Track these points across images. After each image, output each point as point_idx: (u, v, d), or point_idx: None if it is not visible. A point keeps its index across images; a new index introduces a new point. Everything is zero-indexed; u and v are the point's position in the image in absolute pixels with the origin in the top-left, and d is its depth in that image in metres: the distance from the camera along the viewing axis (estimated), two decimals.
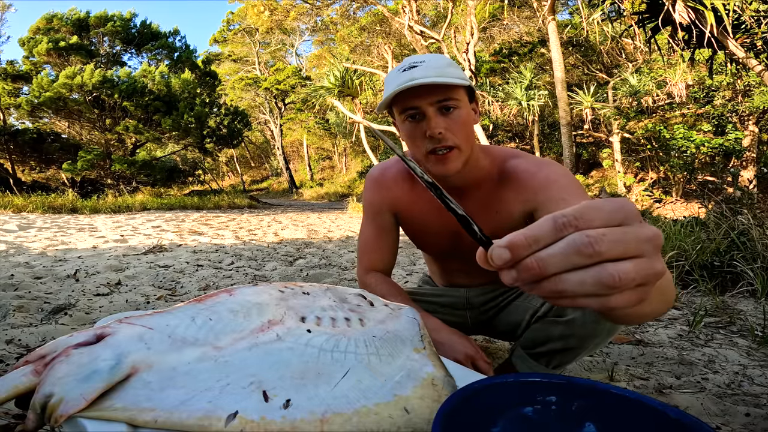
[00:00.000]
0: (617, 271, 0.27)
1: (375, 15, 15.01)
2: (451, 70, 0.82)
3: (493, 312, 1.08)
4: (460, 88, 0.83)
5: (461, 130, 0.82)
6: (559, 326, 0.88)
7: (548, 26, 7.49)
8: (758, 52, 3.60)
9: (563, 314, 0.87)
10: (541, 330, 0.91)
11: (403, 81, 0.80)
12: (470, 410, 0.42)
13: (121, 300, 1.98)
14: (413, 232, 1.03)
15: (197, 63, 14.43)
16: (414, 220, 1.00)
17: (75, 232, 4.95)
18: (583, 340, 0.86)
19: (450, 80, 0.78)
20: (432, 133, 0.80)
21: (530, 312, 0.95)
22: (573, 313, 0.85)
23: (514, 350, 0.99)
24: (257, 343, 0.52)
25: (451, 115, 0.82)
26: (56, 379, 0.41)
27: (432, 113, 0.81)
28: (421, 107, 0.81)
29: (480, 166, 0.90)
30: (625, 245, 0.28)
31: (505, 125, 11.79)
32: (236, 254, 3.59)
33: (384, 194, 1.01)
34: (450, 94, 0.81)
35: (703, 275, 2.42)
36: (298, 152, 27.47)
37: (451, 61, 0.85)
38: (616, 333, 0.87)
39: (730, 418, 1.01)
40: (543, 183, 0.83)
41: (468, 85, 0.83)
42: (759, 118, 7.68)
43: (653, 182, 8.79)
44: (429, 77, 0.79)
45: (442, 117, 0.81)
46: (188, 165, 16.39)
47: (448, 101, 0.81)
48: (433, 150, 0.82)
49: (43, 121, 12.67)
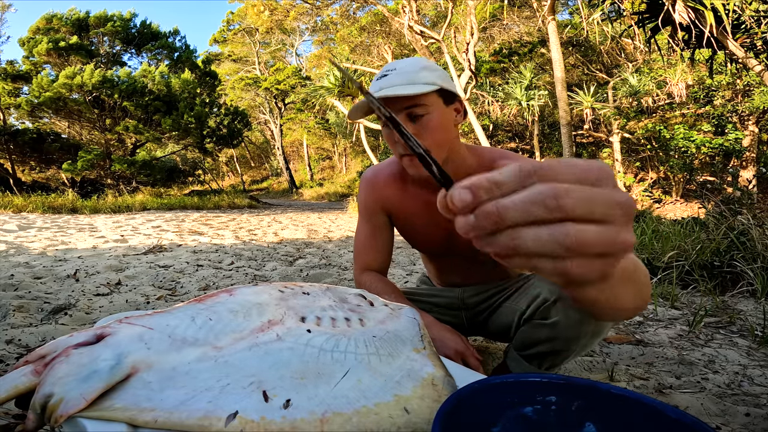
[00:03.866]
0: (578, 231, 0.25)
1: (375, 15, 15.01)
2: (423, 74, 0.82)
3: (486, 313, 1.09)
4: (431, 94, 0.83)
5: (430, 135, 0.83)
6: (544, 329, 0.88)
7: (548, 26, 7.49)
8: (758, 52, 3.60)
9: (548, 317, 0.88)
10: (529, 333, 0.92)
11: (373, 91, 0.82)
12: (470, 410, 0.42)
13: (121, 300, 1.98)
14: (406, 231, 1.05)
15: (197, 63, 14.43)
16: (407, 220, 1.02)
17: (75, 232, 4.95)
18: (568, 342, 0.86)
19: (411, 90, 0.78)
20: (399, 140, 0.83)
21: (518, 314, 0.95)
22: (556, 315, 0.85)
23: (508, 352, 0.99)
24: (257, 343, 0.52)
25: (420, 122, 0.83)
26: (56, 379, 0.41)
27: (401, 120, 0.82)
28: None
29: (466, 165, 0.92)
30: (592, 205, 0.25)
31: (505, 125, 11.78)
32: (236, 254, 3.59)
33: (377, 195, 1.03)
34: (418, 101, 0.82)
35: (703, 275, 2.42)
36: (298, 152, 27.48)
37: (426, 65, 0.85)
38: (603, 335, 0.86)
39: (730, 418, 1.01)
40: None
41: (439, 88, 0.83)
42: (759, 118, 7.68)
43: (653, 182, 8.79)
44: (395, 86, 0.80)
45: (410, 124, 0.83)
46: (188, 165, 16.40)
47: (415, 108, 0.82)
48: (403, 154, 0.85)
49: (43, 121, 12.67)
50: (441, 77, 0.85)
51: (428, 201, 0.97)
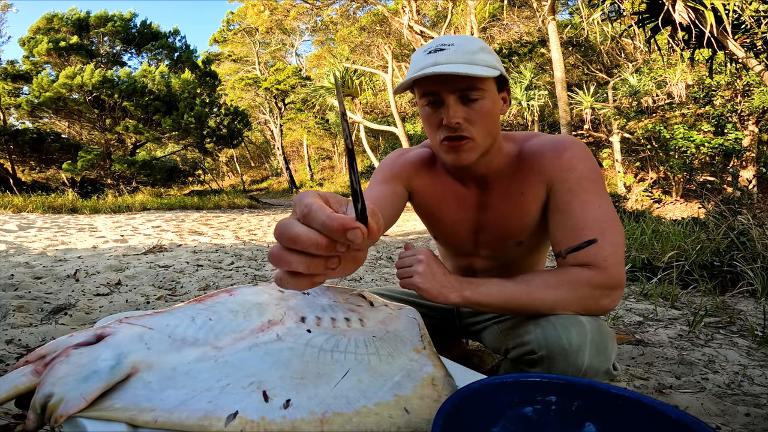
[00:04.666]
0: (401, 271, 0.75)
1: (375, 15, 15.01)
2: (483, 56, 0.75)
3: (478, 327, 1.01)
4: (489, 78, 0.76)
5: (481, 122, 0.76)
6: (535, 368, 0.76)
7: (548, 26, 7.49)
8: (758, 52, 3.60)
9: (532, 366, 0.75)
10: (516, 366, 0.81)
11: (426, 65, 0.74)
12: (470, 410, 0.42)
13: (121, 300, 1.98)
14: (433, 220, 0.97)
15: (197, 63, 14.43)
16: (432, 206, 0.94)
17: (75, 232, 4.95)
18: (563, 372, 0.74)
19: (476, 71, 0.71)
20: (449, 122, 0.76)
21: (503, 348, 0.84)
22: (540, 368, 0.73)
23: (500, 365, 0.96)
24: (257, 343, 0.52)
25: (473, 106, 0.75)
26: (56, 379, 0.41)
27: (452, 101, 0.75)
28: (441, 94, 0.76)
29: (503, 153, 0.85)
30: (404, 262, 0.76)
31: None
32: (236, 254, 3.59)
33: (405, 167, 0.94)
34: (475, 84, 0.74)
35: (703, 275, 2.42)
36: (298, 152, 27.48)
37: (483, 45, 0.77)
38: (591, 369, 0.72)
39: (730, 418, 1.01)
40: (565, 166, 0.79)
41: (499, 74, 0.76)
42: (759, 118, 7.68)
43: (653, 182, 8.80)
44: (454, 64, 0.73)
45: (462, 106, 0.76)
46: (188, 165, 16.40)
47: (471, 91, 0.74)
48: (447, 137, 0.78)
49: (43, 121, 12.67)
50: (498, 61, 0.78)
51: (458, 191, 0.90)
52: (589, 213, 0.75)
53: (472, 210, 0.90)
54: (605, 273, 0.71)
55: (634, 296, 2.32)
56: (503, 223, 0.87)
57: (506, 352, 0.82)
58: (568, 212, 0.76)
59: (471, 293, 0.72)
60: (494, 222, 0.88)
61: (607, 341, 0.69)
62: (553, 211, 0.80)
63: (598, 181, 0.79)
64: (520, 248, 0.90)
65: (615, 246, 0.72)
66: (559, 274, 0.72)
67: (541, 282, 0.72)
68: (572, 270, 0.72)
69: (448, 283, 0.73)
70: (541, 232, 0.87)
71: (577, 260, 0.73)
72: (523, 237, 0.87)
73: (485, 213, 0.88)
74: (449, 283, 0.73)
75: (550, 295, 0.71)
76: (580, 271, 0.72)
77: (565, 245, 0.75)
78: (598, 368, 0.68)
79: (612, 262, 0.71)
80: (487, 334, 0.97)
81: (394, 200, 0.90)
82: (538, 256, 0.97)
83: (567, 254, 0.74)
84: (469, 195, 0.89)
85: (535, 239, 0.90)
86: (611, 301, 0.72)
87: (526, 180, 0.83)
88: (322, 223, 0.33)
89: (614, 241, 0.72)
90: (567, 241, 0.75)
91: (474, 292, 0.72)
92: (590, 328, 0.68)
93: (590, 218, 0.74)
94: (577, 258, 0.73)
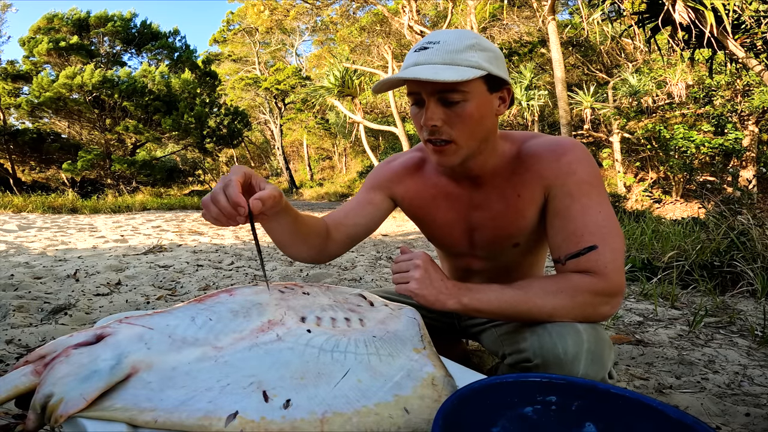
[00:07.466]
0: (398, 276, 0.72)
1: (375, 15, 15.01)
2: (468, 55, 0.71)
3: (477, 329, 1.01)
4: (473, 80, 0.71)
5: (462, 124, 0.73)
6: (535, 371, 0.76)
7: (548, 26, 7.49)
8: (758, 52, 3.60)
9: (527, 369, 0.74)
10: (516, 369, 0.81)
11: (408, 64, 0.73)
12: (470, 410, 0.42)
13: (121, 300, 1.98)
14: (426, 224, 0.97)
15: (197, 63, 14.44)
16: (423, 209, 0.94)
17: (75, 232, 4.96)
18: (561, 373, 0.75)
19: (444, 76, 0.67)
20: (425, 124, 0.74)
21: (500, 353, 0.85)
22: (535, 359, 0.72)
23: (498, 366, 0.96)
24: (257, 343, 0.52)
25: (454, 108, 0.72)
26: (56, 379, 0.41)
27: (431, 103, 0.73)
28: (421, 94, 0.74)
29: (499, 152, 0.83)
30: (400, 267, 0.73)
31: (504, 125, 11.79)
32: (236, 254, 3.59)
33: (389, 177, 0.95)
34: (454, 86, 0.70)
35: (703, 275, 2.42)
36: (298, 152, 27.48)
37: (474, 42, 0.73)
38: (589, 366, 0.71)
39: (730, 418, 1.01)
40: (564, 170, 0.77)
41: (486, 74, 0.72)
42: (759, 118, 7.69)
43: (653, 182, 8.80)
44: (432, 65, 0.70)
45: (442, 108, 0.73)
46: (188, 165, 16.41)
47: (451, 93, 0.71)
48: (428, 140, 0.76)
49: (43, 121, 12.68)
50: (489, 59, 0.73)
51: (450, 192, 0.88)
52: (589, 218, 0.73)
53: (465, 209, 0.88)
54: (606, 280, 0.70)
55: (634, 296, 2.32)
56: (498, 224, 0.85)
57: (503, 357, 0.82)
58: (567, 217, 0.75)
59: (469, 300, 0.71)
60: (488, 222, 0.86)
61: (603, 350, 0.68)
62: (552, 216, 0.78)
63: (598, 185, 0.77)
64: (517, 250, 0.89)
65: (615, 252, 0.71)
66: (559, 280, 0.72)
67: (539, 289, 0.71)
68: (572, 277, 0.71)
69: (445, 289, 0.71)
70: (538, 234, 0.86)
71: (577, 267, 0.72)
72: (519, 239, 0.86)
73: (479, 213, 0.87)
74: (447, 289, 0.71)
75: (548, 302, 0.70)
76: (580, 277, 0.71)
77: (565, 251, 0.74)
78: (594, 377, 0.67)
79: (612, 268, 0.70)
80: (485, 336, 0.97)
81: (367, 208, 0.96)
82: (536, 258, 0.96)
83: (567, 260, 0.73)
84: (462, 194, 0.88)
85: (533, 242, 0.89)
86: (610, 308, 0.72)
87: (523, 182, 0.81)
88: (229, 195, 0.60)
89: (614, 247, 0.72)
90: (566, 247, 0.74)
91: (472, 299, 0.71)
92: (587, 337, 0.67)
93: (590, 223, 0.73)
94: (577, 264, 0.72)
